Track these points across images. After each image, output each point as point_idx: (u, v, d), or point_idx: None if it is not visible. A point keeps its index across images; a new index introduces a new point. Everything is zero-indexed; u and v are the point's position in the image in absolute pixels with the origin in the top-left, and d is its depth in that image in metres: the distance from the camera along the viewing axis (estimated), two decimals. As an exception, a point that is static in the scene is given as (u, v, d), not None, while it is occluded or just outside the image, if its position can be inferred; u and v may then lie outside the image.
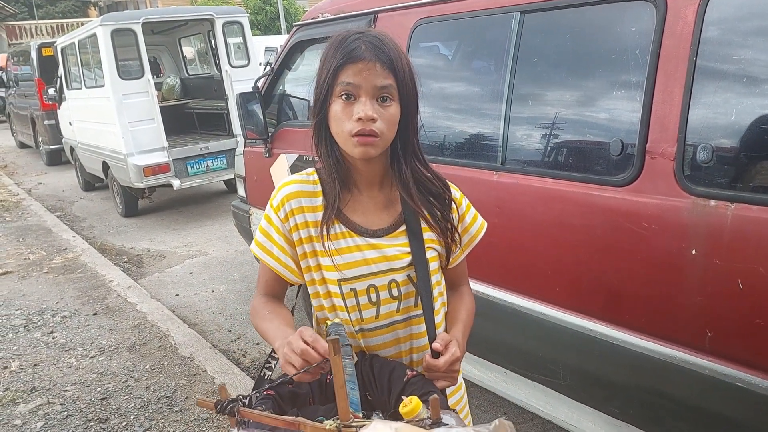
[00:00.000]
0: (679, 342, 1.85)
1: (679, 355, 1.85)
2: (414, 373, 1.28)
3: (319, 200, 1.34)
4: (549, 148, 2.25)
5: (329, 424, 1.05)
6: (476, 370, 2.67)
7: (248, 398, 1.19)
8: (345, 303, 1.33)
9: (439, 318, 1.40)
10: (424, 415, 1.05)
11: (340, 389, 1.06)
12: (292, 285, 1.43)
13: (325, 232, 1.30)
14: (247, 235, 4.65)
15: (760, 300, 1.64)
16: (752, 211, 1.64)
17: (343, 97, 1.23)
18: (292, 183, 1.36)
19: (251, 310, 1.40)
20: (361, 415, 1.09)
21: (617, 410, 2.13)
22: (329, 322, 1.28)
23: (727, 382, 1.74)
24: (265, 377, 1.35)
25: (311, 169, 1.40)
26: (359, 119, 1.21)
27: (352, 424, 1.03)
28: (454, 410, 1.28)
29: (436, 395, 1.06)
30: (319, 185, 1.35)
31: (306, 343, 1.12)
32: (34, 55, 11.74)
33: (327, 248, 1.30)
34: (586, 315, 2.12)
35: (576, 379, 2.24)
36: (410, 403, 1.04)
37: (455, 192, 1.43)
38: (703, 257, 1.74)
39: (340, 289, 1.32)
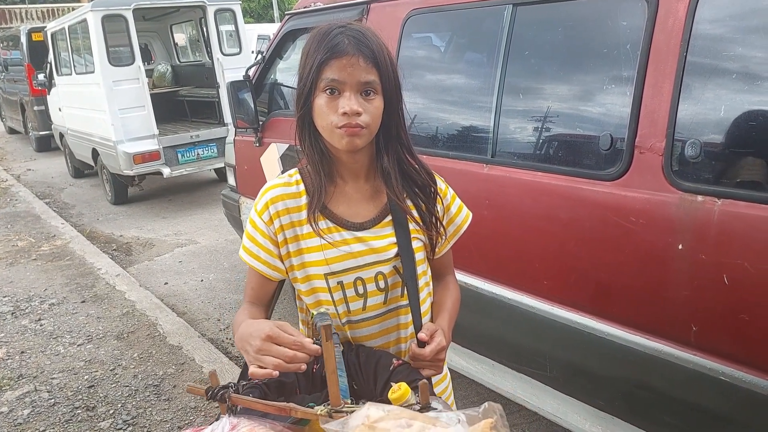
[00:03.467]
0: (665, 336, 1.87)
1: (664, 348, 1.86)
2: (400, 362, 1.29)
3: (303, 199, 1.34)
4: (539, 141, 2.25)
5: (320, 409, 1.06)
6: (463, 361, 2.68)
7: (236, 387, 1.19)
8: (332, 296, 1.34)
9: (425, 307, 1.41)
10: (412, 400, 1.06)
11: (331, 374, 1.07)
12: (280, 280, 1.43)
13: (316, 226, 1.30)
14: (237, 225, 4.64)
15: (745, 295, 1.65)
16: (739, 207, 1.65)
17: (328, 91, 1.23)
18: (274, 187, 1.36)
19: (234, 323, 1.37)
20: (349, 401, 1.10)
21: (603, 402, 2.15)
22: (314, 312, 1.28)
23: (711, 376, 1.75)
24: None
25: (293, 170, 1.40)
26: (344, 113, 1.22)
27: (343, 409, 1.04)
28: (440, 397, 1.30)
29: (424, 380, 1.08)
30: (302, 185, 1.36)
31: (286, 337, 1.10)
32: (23, 39, 11.64)
33: (325, 240, 1.30)
34: (574, 308, 2.13)
35: (563, 372, 2.26)
36: (399, 389, 1.06)
37: (441, 183, 1.44)
38: (690, 252, 1.75)
39: (327, 283, 1.33)
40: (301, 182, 1.36)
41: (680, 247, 1.77)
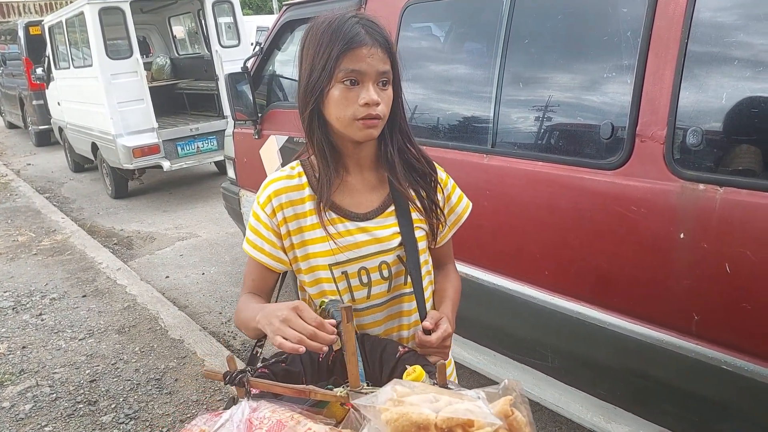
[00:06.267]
0: (666, 325, 1.86)
1: (666, 338, 1.85)
2: (406, 349, 1.30)
3: (306, 191, 1.35)
4: (539, 131, 2.24)
5: (339, 391, 1.07)
6: (465, 352, 2.68)
7: (252, 371, 1.20)
8: (337, 286, 1.35)
9: (426, 294, 1.43)
10: (428, 382, 1.07)
11: (351, 356, 1.07)
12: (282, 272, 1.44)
13: (324, 218, 1.31)
14: (238, 217, 4.63)
15: (747, 284, 1.64)
16: (741, 195, 1.63)
17: (347, 82, 1.23)
18: (276, 180, 1.36)
19: (236, 312, 1.38)
20: (365, 384, 1.10)
21: (604, 392, 2.15)
22: (326, 300, 1.29)
23: (712, 365, 1.74)
24: (258, 355, 1.35)
25: (294, 163, 1.40)
26: (366, 104, 1.22)
27: (362, 391, 1.05)
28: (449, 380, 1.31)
29: (442, 361, 1.09)
30: (304, 177, 1.36)
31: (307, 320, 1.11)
32: (21, 33, 11.60)
33: (329, 232, 1.31)
34: (575, 298, 2.12)
35: (564, 362, 2.25)
36: (414, 372, 1.07)
37: (441, 173, 1.46)
38: (692, 241, 1.74)
39: (332, 273, 1.34)
40: (303, 174, 1.37)
41: (682, 236, 1.75)
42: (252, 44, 7.94)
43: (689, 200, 1.73)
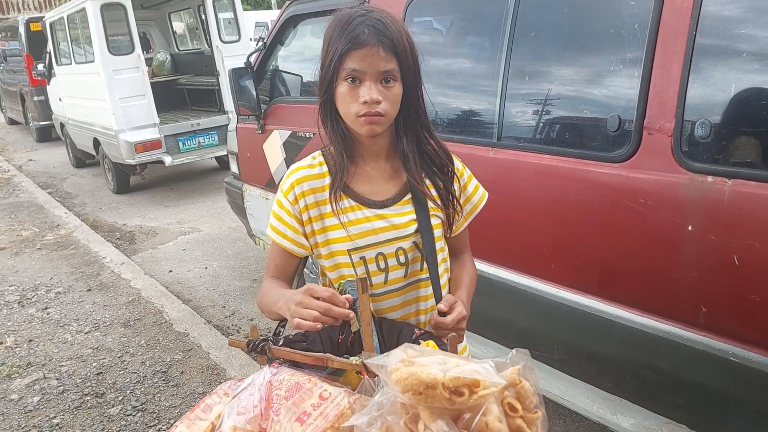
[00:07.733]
0: (674, 317, 1.87)
1: (673, 330, 1.86)
2: (422, 331, 1.36)
3: (327, 179, 1.41)
4: (545, 124, 2.24)
5: (354, 359, 1.13)
6: (471, 345, 2.68)
7: (275, 341, 1.26)
8: (355, 271, 1.40)
9: (443, 281, 1.47)
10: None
11: (366, 325, 1.13)
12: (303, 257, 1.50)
13: (336, 206, 1.36)
14: (240, 212, 4.63)
15: (756, 275, 1.65)
16: (749, 187, 1.64)
17: (349, 80, 1.28)
18: (299, 169, 1.43)
19: (259, 295, 1.43)
20: (379, 353, 1.14)
21: (611, 385, 2.16)
22: (342, 281, 1.36)
23: (720, 357, 1.75)
24: (280, 334, 1.39)
25: (316, 153, 1.46)
26: (365, 102, 1.27)
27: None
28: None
29: (453, 334, 1.15)
30: (325, 166, 1.42)
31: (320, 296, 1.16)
32: (22, 30, 11.59)
33: (340, 220, 1.36)
34: (581, 291, 2.13)
35: (570, 354, 2.26)
36: (427, 346, 1.12)
37: (458, 163, 1.50)
38: (700, 233, 1.74)
39: (350, 258, 1.40)
40: (324, 163, 1.43)
41: (690, 228, 1.76)
42: (251, 39, 7.95)
43: (697, 192, 1.74)
